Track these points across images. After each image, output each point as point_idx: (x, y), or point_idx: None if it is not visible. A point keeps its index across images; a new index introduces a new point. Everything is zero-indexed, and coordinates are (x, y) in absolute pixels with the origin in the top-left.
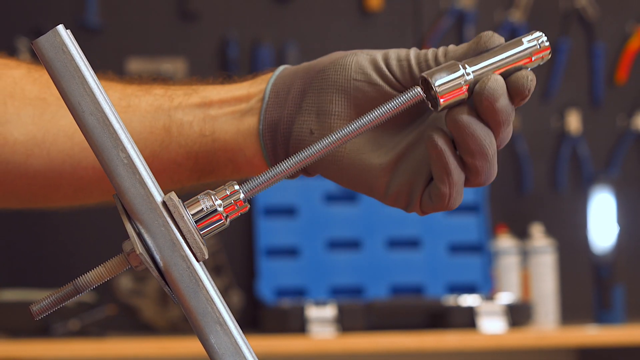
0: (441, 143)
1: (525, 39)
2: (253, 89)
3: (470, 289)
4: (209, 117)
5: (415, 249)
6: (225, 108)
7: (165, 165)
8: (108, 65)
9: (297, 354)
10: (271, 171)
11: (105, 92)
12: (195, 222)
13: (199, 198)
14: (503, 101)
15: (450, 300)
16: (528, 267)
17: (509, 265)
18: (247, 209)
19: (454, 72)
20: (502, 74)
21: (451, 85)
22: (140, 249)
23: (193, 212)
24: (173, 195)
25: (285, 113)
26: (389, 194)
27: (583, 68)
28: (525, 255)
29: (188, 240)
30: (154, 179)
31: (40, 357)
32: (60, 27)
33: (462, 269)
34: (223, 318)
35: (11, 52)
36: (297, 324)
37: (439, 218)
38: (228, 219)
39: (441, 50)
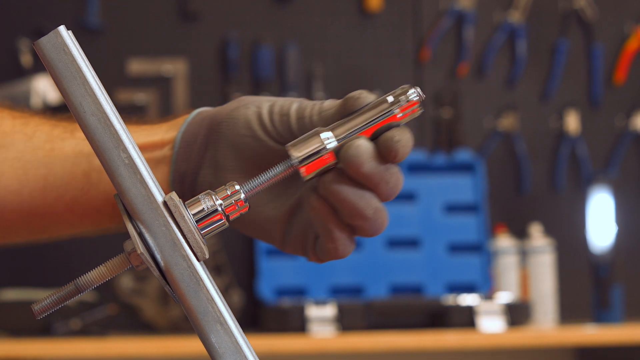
0: (318, 205)
1: (391, 96)
2: (167, 136)
3: (469, 289)
4: None
5: (414, 249)
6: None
7: (87, 211)
8: (109, 65)
9: (297, 353)
10: (271, 171)
11: (106, 93)
12: (196, 221)
13: (199, 198)
14: (368, 165)
15: (450, 299)
16: (527, 267)
17: (508, 265)
18: (248, 208)
19: (314, 142)
20: (374, 133)
21: (311, 156)
22: (141, 248)
23: (194, 211)
24: (174, 195)
25: (191, 165)
26: (286, 245)
27: (582, 69)
28: (524, 254)
29: (189, 240)
30: (154, 179)
31: (41, 356)
32: (62, 28)
33: (461, 269)
34: (224, 317)
35: (13, 52)
36: (297, 323)
37: (439, 218)
38: (229, 219)
39: (317, 107)
